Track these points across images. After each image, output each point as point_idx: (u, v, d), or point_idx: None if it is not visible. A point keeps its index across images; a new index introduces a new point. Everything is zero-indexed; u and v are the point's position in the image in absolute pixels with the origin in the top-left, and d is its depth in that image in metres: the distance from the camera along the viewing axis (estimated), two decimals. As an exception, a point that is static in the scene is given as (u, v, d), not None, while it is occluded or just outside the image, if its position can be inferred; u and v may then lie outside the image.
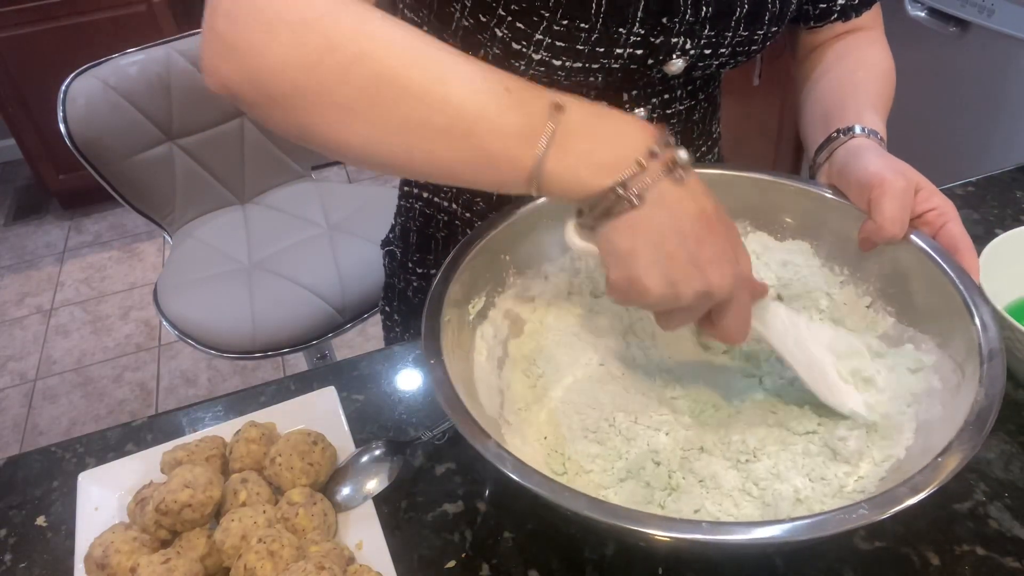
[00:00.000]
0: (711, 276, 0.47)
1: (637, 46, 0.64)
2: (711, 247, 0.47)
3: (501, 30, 0.63)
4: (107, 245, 2.72)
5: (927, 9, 1.64)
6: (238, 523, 0.58)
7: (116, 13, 2.41)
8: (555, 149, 0.46)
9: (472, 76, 0.46)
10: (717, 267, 0.47)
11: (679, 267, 0.46)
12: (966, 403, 0.49)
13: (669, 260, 0.46)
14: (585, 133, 0.47)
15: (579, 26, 0.62)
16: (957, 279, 0.57)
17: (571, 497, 0.45)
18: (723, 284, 0.47)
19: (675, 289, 0.47)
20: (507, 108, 0.46)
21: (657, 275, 0.47)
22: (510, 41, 0.63)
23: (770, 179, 0.68)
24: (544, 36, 0.62)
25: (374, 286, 1.46)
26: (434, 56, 0.46)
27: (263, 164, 1.69)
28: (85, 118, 1.42)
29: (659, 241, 0.46)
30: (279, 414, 0.70)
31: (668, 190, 0.46)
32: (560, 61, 0.64)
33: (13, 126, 2.51)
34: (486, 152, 0.46)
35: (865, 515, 0.43)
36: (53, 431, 2.07)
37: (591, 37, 0.63)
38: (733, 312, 0.50)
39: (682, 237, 0.46)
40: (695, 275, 0.47)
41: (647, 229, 0.46)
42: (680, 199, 0.47)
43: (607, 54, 0.64)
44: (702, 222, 0.47)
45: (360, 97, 0.45)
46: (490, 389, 0.60)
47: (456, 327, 0.59)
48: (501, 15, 0.62)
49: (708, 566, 0.59)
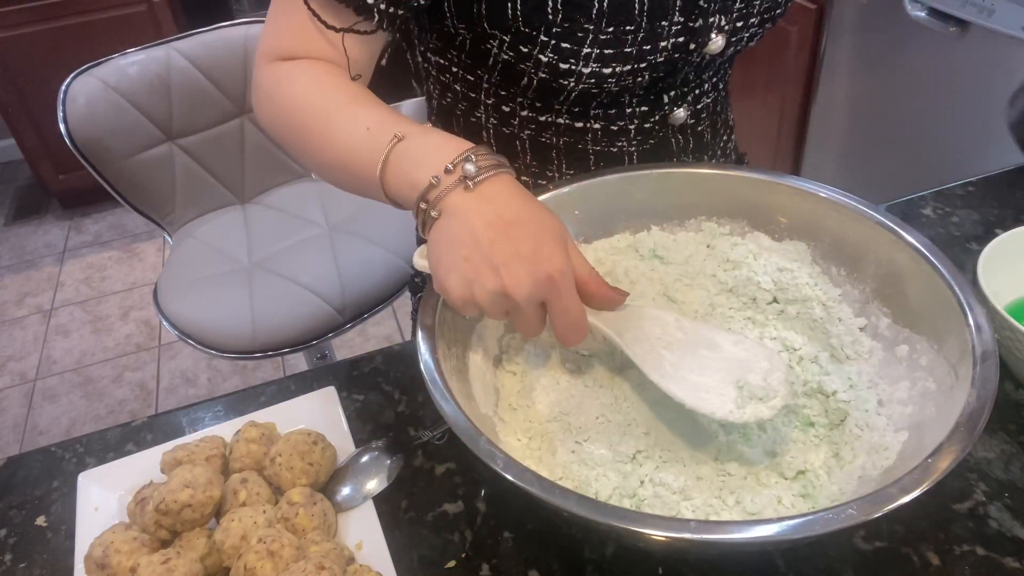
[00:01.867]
0: (503, 276, 0.50)
1: (679, 34, 0.65)
2: (505, 249, 0.50)
3: (546, 55, 0.64)
4: (107, 245, 2.72)
5: (927, 9, 1.64)
6: (238, 523, 0.58)
7: (116, 13, 2.41)
8: (388, 172, 0.55)
9: (349, 124, 0.58)
10: (509, 268, 0.50)
11: (473, 269, 0.50)
12: (959, 405, 0.49)
13: (464, 263, 0.50)
14: (409, 156, 0.54)
15: (625, 30, 0.63)
16: (952, 280, 0.57)
17: (561, 495, 0.46)
18: (517, 283, 0.50)
19: (471, 290, 0.51)
20: (363, 143, 0.56)
21: (455, 278, 0.51)
22: (557, 63, 0.64)
23: (768, 179, 0.68)
24: (592, 48, 0.63)
25: (374, 286, 1.46)
26: (328, 109, 0.59)
27: (263, 164, 1.69)
28: (85, 118, 1.42)
29: (455, 247, 0.51)
30: (279, 414, 0.70)
31: (460, 200, 0.51)
32: (610, 69, 0.65)
33: (13, 126, 2.51)
34: (357, 177, 0.58)
35: (854, 515, 0.43)
36: (53, 431, 2.07)
37: (637, 37, 0.64)
38: (554, 313, 0.52)
39: (475, 241, 0.50)
40: (489, 276, 0.50)
41: (447, 238, 0.52)
42: (473, 207, 0.51)
43: (653, 50, 0.65)
44: (496, 227, 0.50)
45: (296, 142, 0.62)
46: (485, 387, 0.61)
47: (452, 326, 0.60)
48: (544, 40, 0.63)
49: (708, 566, 0.59)
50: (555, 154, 0.75)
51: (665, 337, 0.58)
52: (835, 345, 0.64)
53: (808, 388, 0.62)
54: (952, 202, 0.94)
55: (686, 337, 0.58)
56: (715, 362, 0.58)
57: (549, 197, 0.67)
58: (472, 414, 0.51)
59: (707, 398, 0.56)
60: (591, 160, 0.75)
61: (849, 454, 0.57)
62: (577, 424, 0.60)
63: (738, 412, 0.55)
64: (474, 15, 0.63)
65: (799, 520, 0.44)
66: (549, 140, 0.74)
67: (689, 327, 0.59)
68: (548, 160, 0.75)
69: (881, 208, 0.63)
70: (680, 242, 0.70)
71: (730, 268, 0.69)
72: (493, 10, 0.62)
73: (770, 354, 0.58)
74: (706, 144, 0.79)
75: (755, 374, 0.57)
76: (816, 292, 0.66)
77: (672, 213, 0.71)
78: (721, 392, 0.56)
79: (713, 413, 0.55)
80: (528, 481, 0.46)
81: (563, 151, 0.74)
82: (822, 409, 0.61)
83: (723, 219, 0.70)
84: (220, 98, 1.57)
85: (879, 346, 0.62)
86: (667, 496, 0.55)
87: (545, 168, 0.76)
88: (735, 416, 0.55)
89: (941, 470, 0.45)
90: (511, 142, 0.75)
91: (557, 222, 0.53)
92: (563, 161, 0.75)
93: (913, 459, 0.48)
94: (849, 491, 0.54)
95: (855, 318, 0.64)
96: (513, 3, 0.61)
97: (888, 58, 1.77)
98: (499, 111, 0.73)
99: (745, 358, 0.58)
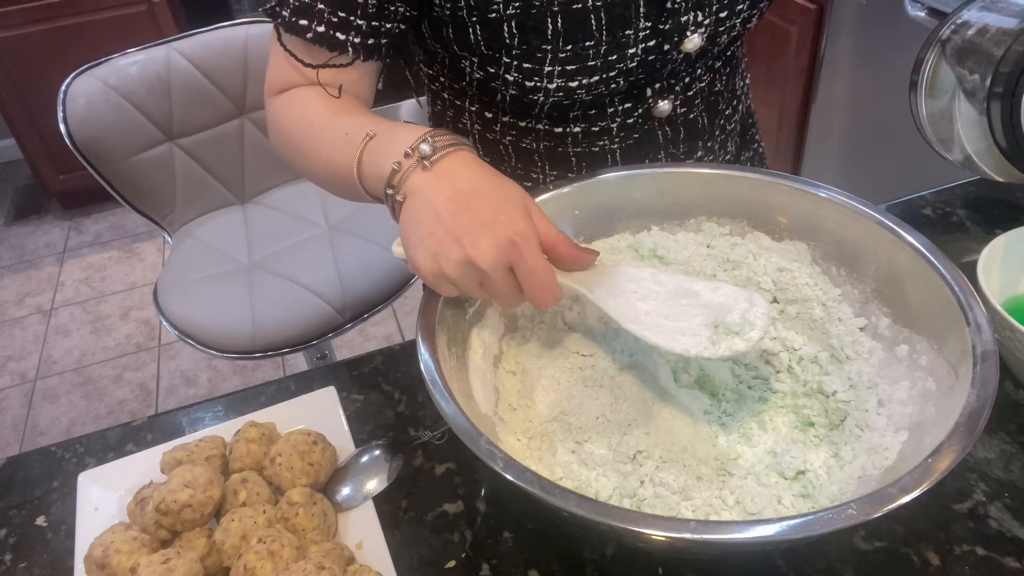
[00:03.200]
0: (466, 246, 0.51)
1: (647, 39, 0.65)
2: (465, 220, 0.51)
3: (511, 74, 0.66)
4: (107, 245, 2.72)
5: (927, 9, 1.64)
6: (238, 523, 0.58)
7: (116, 13, 2.41)
8: (362, 169, 0.58)
9: (331, 133, 0.62)
10: (471, 236, 0.51)
11: (438, 242, 0.52)
12: (959, 405, 0.49)
13: (430, 238, 0.52)
14: (377, 150, 0.57)
15: (584, 46, 0.63)
16: (952, 280, 0.56)
17: (561, 495, 0.46)
18: (479, 251, 0.51)
19: (438, 263, 0.52)
20: (343, 148, 0.60)
21: (423, 254, 0.53)
22: (523, 81, 0.66)
23: (768, 179, 0.68)
24: (553, 66, 0.64)
25: (374, 286, 1.46)
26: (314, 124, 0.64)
27: (263, 164, 1.69)
28: (85, 118, 1.42)
29: (420, 224, 0.53)
30: (279, 414, 0.70)
31: (419, 180, 0.54)
32: (576, 82, 0.66)
33: (13, 126, 2.51)
34: (343, 181, 0.61)
35: (854, 515, 0.43)
36: (53, 431, 2.07)
37: (600, 50, 0.64)
38: (522, 276, 0.53)
39: (437, 216, 0.52)
40: (453, 247, 0.52)
41: (412, 216, 0.54)
42: (432, 184, 0.53)
43: (621, 59, 0.65)
44: (457, 200, 0.52)
45: (296, 160, 0.68)
46: (485, 387, 0.61)
47: (452, 326, 0.60)
48: (507, 62, 0.65)
49: (708, 566, 0.59)
50: (537, 158, 0.76)
51: (641, 291, 0.58)
52: (835, 345, 0.64)
53: (808, 388, 0.62)
54: (952, 202, 0.94)
55: (663, 289, 0.58)
56: (692, 308, 0.58)
57: (549, 197, 0.67)
58: (472, 414, 0.51)
59: (682, 339, 0.56)
60: (572, 162, 0.76)
61: (849, 454, 0.57)
62: (577, 424, 0.60)
63: (712, 348, 0.56)
64: (444, 38, 0.67)
65: (799, 520, 0.44)
66: (530, 145, 0.75)
67: (667, 280, 0.59)
68: (531, 163, 0.77)
69: (881, 208, 0.63)
70: (680, 242, 0.70)
71: (730, 268, 0.69)
72: (458, 34, 0.65)
73: (750, 295, 0.58)
74: (701, 130, 0.77)
75: (734, 314, 0.57)
76: (816, 292, 0.66)
77: (672, 213, 0.71)
78: (696, 333, 0.57)
79: (687, 351, 0.55)
80: (528, 481, 0.46)
81: (544, 155, 0.76)
82: (822, 409, 0.61)
83: (723, 219, 0.70)
84: (220, 98, 1.57)
85: (879, 346, 0.62)
86: (667, 496, 0.55)
87: (529, 171, 0.78)
88: (709, 352, 0.55)
89: (941, 470, 0.45)
90: (495, 147, 0.77)
91: (518, 190, 0.54)
92: (545, 164, 0.77)
93: (913, 459, 0.48)
94: (849, 491, 0.54)
95: (855, 318, 0.64)
96: (474, 28, 0.63)
97: (888, 58, 1.77)
98: (482, 118, 0.76)
99: (723, 302, 0.58)
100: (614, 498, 0.55)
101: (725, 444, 0.59)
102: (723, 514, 0.54)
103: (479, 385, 0.60)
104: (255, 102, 1.61)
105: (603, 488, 0.56)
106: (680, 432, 0.60)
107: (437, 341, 0.56)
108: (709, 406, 0.62)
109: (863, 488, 0.53)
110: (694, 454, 0.58)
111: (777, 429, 0.60)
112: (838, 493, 0.54)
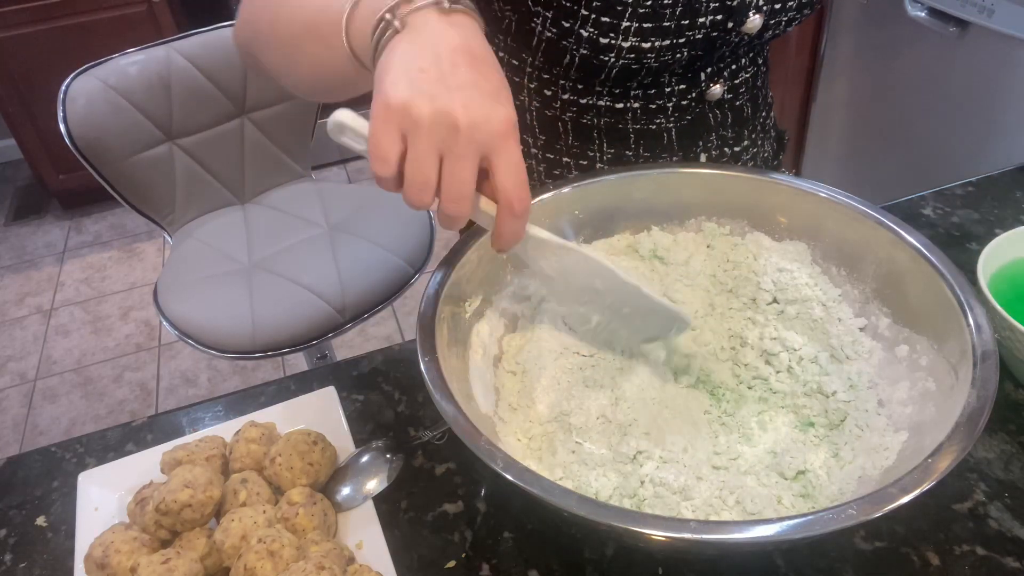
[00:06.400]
0: (456, 98, 0.45)
1: (716, 11, 0.67)
2: (466, 76, 0.46)
3: (587, 29, 0.66)
4: (107, 245, 2.72)
5: (927, 9, 1.64)
6: (238, 523, 0.58)
7: (116, 13, 2.41)
8: (357, 13, 0.51)
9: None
10: (464, 93, 0.45)
11: (427, 81, 0.45)
12: (959, 405, 0.49)
13: (420, 74, 0.45)
14: None
15: (663, 3, 0.65)
16: (952, 280, 0.57)
17: (561, 495, 0.46)
18: (469, 113, 0.45)
19: (414, 99, 0.45)
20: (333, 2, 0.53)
21: (404, 84, 0.45)
22: (597, 37, 0.66)
23: (768, 179, 0.68)
24: (631, 22, 0.65)
25: (374, 286, 1.46)
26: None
27: (263, 164, 1.69)
28: (85, 118, 1.42)
29: (415, 58, 0.46)
30: (279, 414, 0.70)
31: (432, 18, 0.47)
32: (649, 43, 0.67)
33: (13, 126, 2.50)
34: (325, 38, 0.54)
35: (854, 515, 0.43)
36: (53, 431, 2.07)
37: (675, 11, 0.66)
38: (503, 164, 0.46)
39: (436, 57, 0.46)
40: (441, 92, 0.45)
41: (406, 48, 0.47)
42: (444, 28, 0.47)
43: (691, 26, 0.67)
44: (462, 52, 0.46)
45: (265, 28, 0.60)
46: (485, 387, 0.61)
47: (452, 325, 0.60)
48: (584, 15, 0.65)
49: (708, 566, 0.59)
50: (596, 134, 0.77)
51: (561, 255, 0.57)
52: (835, 345, 0.64)
53: (808, 388, 0.62)
54: (952, 202, 0.94)
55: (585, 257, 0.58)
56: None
57: (549, 197, 0.67)
58: (472, 414, 0.51)
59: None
60: (631, 139, 0.77)
61: (849, 454, 0.57)
62: (577, 424, 0.60)
63: None
64: None
65: (799, 520, 0.44)
66: (591, 121, 0.76)
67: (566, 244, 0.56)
68: (590, 140, 0.78)
69: (881, 208, 0.63)
70: (680, 242, 0.70)
71: (730, 268, 0.69)
72: None
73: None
74: (746, 119, 0.81)
75: None
76: (816, 292, 0.66)
77: (672, 213, 0.71)
78: None
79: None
80: (528, 481, 0.46)
81: (604, 131, 0.77)
82: (822, 409, 0.61)
83: (723, 219, 0.70)
84: (220, 98, 1.57)
85: (879, 346, 0.62)
86: (667, 496, 0.55)
87: (587, 148, 0.79)
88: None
89: (941, 470, 0.45)
90: (554, 124, 0.78)
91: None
92: (604, 140, 0.78)
93: (913, 459, 0.47)
94: (849, 491, 0.54)
95: (855, 318, 0.64)
96: None
97: (888, 58, 1.77)
98: (541, 95, 0.76)
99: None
100: (614, 498, 0.55)
101: (725, 444, 0.59)
102: (723, 514, 0.54)
103: (479, 385, 0.60)
104: (255, 102, 1.61)
105: (603, 488, 0.56)
106: (680, 432, 0.60)
107: (437, 341, 0.56)
108: (709, 406, 0.62)
109: (863, 488, 0.53)
110: (694, 454, 0.58)
111: (777, 429, 0.60)
112: (838, 493, 0.54)
